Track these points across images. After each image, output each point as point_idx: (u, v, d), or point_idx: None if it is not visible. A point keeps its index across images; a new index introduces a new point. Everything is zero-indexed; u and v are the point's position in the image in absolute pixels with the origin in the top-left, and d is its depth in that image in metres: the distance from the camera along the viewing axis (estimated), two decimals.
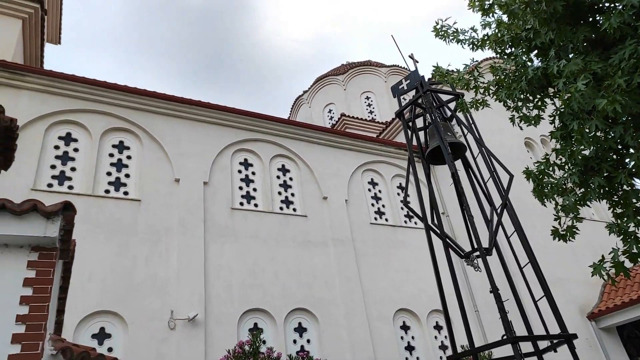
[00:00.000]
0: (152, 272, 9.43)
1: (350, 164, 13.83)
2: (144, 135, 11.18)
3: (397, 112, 7.63)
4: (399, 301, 11.95)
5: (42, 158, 9.76)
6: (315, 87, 23.74)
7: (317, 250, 11.71)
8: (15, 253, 3.23)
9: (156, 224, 10.10)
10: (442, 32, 4.47)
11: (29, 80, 10.21)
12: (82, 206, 9.41)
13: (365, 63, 23.36)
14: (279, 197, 12.26)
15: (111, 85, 10.98)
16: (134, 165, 10.76)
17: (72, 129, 10.50)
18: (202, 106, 12.05)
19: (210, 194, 11.16)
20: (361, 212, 13.12)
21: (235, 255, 10.57)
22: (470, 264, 6.26)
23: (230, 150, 12.17)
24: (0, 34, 10.87)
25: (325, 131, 13.95)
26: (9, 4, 11.06)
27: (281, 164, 12.90)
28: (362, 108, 21.99)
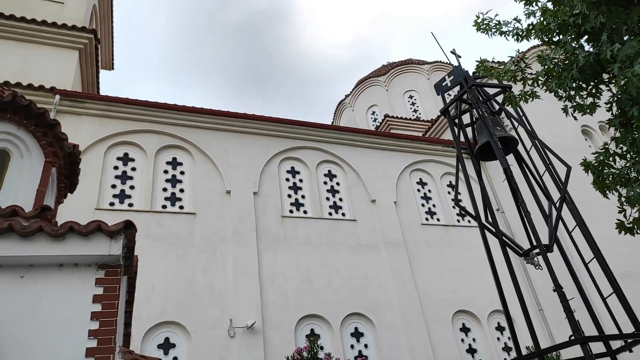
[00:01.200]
0: (210, 282, 9.75)
1: (397, 165, 13.67)
2: (195, 150, 11.60)
3: (442, 109, 7.47)
4: (457, 302, 11.64)
5: (104, 179, 10.35)
6: (357, 90, 23.70)
7: (368, 253, 11.65)
8: (84, 272, 3.45)
9: (211, 235, 10.43)
10: (484, 26, 4.34)
11: (87, 106, 10.88)
12: (141, 222, 9.89)
13: (407, 62, 23.06)
14: (328, 203, 12.32)
15: (162, 105, 11.50)
16: (187, 180, 11.19)
17: (128, 149, 11.07)
18: (247, 118, 12.35)
19: (260, 204, 11.40)
20: (411, 213, 12.92)
21: (288, 262, 10.72)
22: (530, 262, 5.99)
23: (277, 160, 12.38)
24: (60, 65, 11.67)
25: (370, 134, 13.88)
26: (67, 37, 11.86)
27: (327, 169, 12.96)
28: (406, 108, 21.70)
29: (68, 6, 12.76)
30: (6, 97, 4.73)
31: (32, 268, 3.36)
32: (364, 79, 23.65)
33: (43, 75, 11.21)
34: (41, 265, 3.37)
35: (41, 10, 12.26)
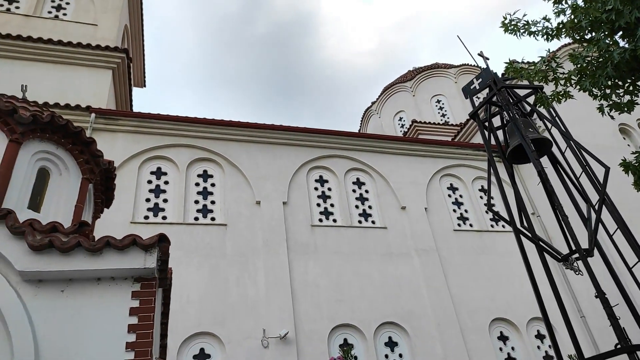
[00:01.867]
0: (243, 292, 9.83)
1: (427, 170, 13.49)
2: (224, 162, 11.79)
3: (471, 113, 7.34)
4: (494, 310, 11.32)
5: (138, 193, 10.64)
6: (383, 97, 23.60)
7: (400, 261, 11.50)
8: (120, 285, 3.54)
9: (242, 246, 10.54)
10: (512, 27, 4.25)
11: (121, 123, 11.24)
12: (174, 234, 10.09)
13: (433, 66, 22.83)
14: (357, 211, 12.25)
15: (192, 120, 11.76)
16: (218, 192, 11.36)
17: (161, 163, 11.35)
18: (275, 129, 12.47)
19: (290, 213, 11.45)
20: (443, 219, 12.70)
21: (319, 272, 10.70)
22: (570, 268, 5.77)
23: (305, 169, 12.43)
24: (95, 84, 12.13)
25: (397, 140, 13.77)
26: (100, 57, 12.33)
27: (356, 177, 12.92)
28: (434, 112, 21.44)
29: (101, 27, 13.27)
30: (45, 118, 4.95)
31: (71, 282, 3.47)
32: (390, 85, 23.54)
33: (79, 95, 11.66)
34: (80, 280, 3.48)
35: (76, 33, 12.80)
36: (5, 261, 3.39)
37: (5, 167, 4.49)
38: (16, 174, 4.58)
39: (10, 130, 4.73)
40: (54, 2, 13.52)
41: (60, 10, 13.47)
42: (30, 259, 3.40)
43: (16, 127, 4.75)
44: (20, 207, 4.50)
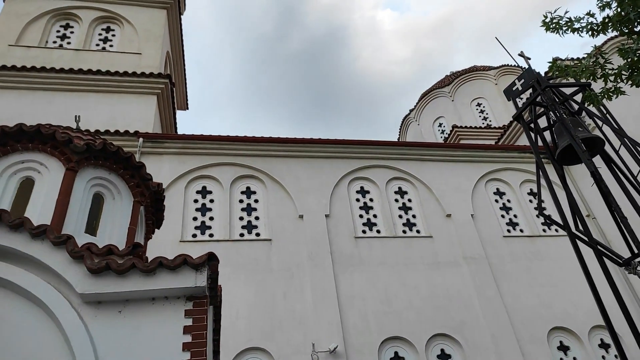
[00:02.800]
0: (290, 307, 9.87)
1: (471, 176, 13.15)
2: (266, 178, 11.97)
3: (514, 115, 7.12)
4: (552, 319, 10.79)
5: (185, 212, 10.97)
6: (421, 104, 23.31)
7: (448, 270, 11.21)
8: (173, 304, 3.65)
9: (288, 260, 10.61)
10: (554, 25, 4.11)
11: (167, 145, 11.68)
12: (222, 251, 10.29)
13: (471, 69, 22.36)
14: (401, 221, 12.08)
15: (233, 138, 12.06)
16: (261, 208, 11.53)
17: (206, 182, 11.67)
18: (313, 143, 12.57)
19: (333, 226, 11.44)
20: (491, 226, 12.30)
21: (365, 284, 10.59)
22: (633, 272, 5.43)
23: (346, 181, 12.41)
24: (142, 109, 12.69)
25: (438, 146, 13.54)
26: (146, 84, 12.92)
27: (397, 186, 12.76)
28: (475, 116, 20.93)
29: (145, 56, 13.92)
30: (98, 146, 5.22)
31: (128, 303, 3.61)
32: (427, 91, 23.23)
33: (127, 121, 12.23)
34: (136, 300, 3.62)
35: (122, 63, 13.49)
36: (67, 284, 3.58)
37: (64, 195, 4.76)
38: (73, 201, 4.84)
39: (67, 159, 5.02)
40: (101, 36, 14.34)
41: (107, 42, 14.25)
42: (89, 281, 3.57)
43: (72, 156, 5.04)
44: (78, 232, 4.75)
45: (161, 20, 15.05)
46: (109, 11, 14.65)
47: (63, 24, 14.27)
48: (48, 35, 13.83)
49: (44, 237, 3.71)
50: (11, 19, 13.65)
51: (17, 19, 13.69)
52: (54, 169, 4.96)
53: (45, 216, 4.61)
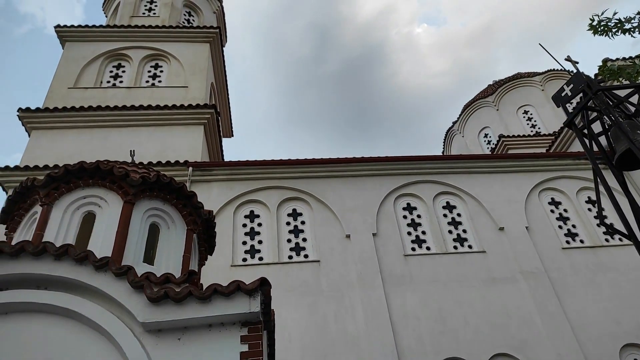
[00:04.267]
0: (342, 328, 9.77)
1: (522, 187, 12.65)
2: (312, 199, 12.05)
3: (566, 122, 6.84)
4: (623, 335, 10.05)
5: (235, 237, 11.20)
6: (464, 115, 22.86)
7: (505, 286, 10.75)
8: (229, 330, 3.72)
9: (337, 281, 10.56)
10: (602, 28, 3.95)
11: (215, 173, 12.05)
12: (272, 274, 10.39)
13: (515, 76, 21.75)
14: (451, 236, 11.77)
15: (277, 162, 12.28)
16: (308, 229, 11.59)
17: (253, 207, 11.90)
18: (357, 162, 12.57)
19: (381, 244, 11.30)
20: (548, 238, 11.73)
21: (418, 303, 10.33)
22: None
23: (392, 198, 12.28)
24: (190, 140, 13.21)
25: (486, 158, 13.17)
26: (193, 115, 13.47)
27: (445, 201, 12.48)
28: (522, 124, 20.25)
29: (191, 88, 14.56)
30: (152, 178, 5.47)
31: (186, 330, 3.72)
32: (470, 102, 22.77)
33: (177, 151, 12.75)
34: (194, 327, 3.72)
35: (170, 96, 14.16)
36: (129, 314, 3.73)
37: (123, 227, 5.01)
38: (132, 232, 5.08)
39: (124, 192, 5.29)
40: (150, 72, 15.16)
41: (156, 78, 15.04)
42: (149, 310, 3.71)
43: (129, 189, 5.31)
44: (137, 261, 4.96)
45: (205, 53, 15.73)
46: (157, 49, 15.49)
47: (115, 64, 15.22)
48: (102, 76, 14.77)
49: (107, 268, 3.90)
50: (70, 64, 14.71)
51: (75, 63, 14.73)
52: (113, 202, 5.25)
53: (107, 248, 4.85)
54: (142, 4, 18.37)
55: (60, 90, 13.94)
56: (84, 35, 15.40)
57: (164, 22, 17.16)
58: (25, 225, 5.36)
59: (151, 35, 15.68)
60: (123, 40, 15.50)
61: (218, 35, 16.36)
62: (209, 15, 19.82)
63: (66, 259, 3.92)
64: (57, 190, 5.22)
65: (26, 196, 5.38)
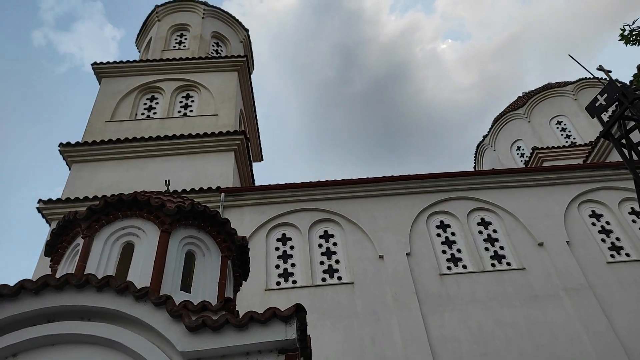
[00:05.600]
0: (380, 352, 9.57)
1: (560, 200, 12.25)
2: (343, 220, 12.01)
3: (602, 132, 6.67)
4: None
5: (268, 261, 11.25)
6: (495, 129, 22.48)
7: (548, 304, 10.33)
8: (267, 357, 3.72)
9: (372, 303, 10.40)
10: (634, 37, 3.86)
11: (247, 198, 12.22)
12: (306, 297, 10.36)
13: (545, 87, 21.31)
14: (488, 254, 11.45)
15: (307, 184, 12.36)
16: (341, 251, 11.53)
17: (285, 230, 11.96)
18: (386, 181, 12.50)
19: (415, 264, 11.11)
20: (591, 252, 11.25)
21: (457, 324, 10.04)
22: None
23: (424, 216, 12.10)
24: (221, 166, 13.48)
25: (520, 171, 12.86)
26: (223, 142, 13.79)
27: (480, 217, 12.20)
28: (556, 135, 19.72)
29: (221, 116, 14.95)
30: (187, 207, 5.61)
31: (224, 358, 3.74)
32: (500, 115, 22.41)
33: (209, 178, 13.03)
34: (232, 355, 3.73)
35: (201, 125, 14.56)
36: (169, 343, 3.79)
37: (160, 256, 5.13)
38: (169, 260, 5.19)
39: (161, 222, 5.44)
40: (182, 103, 15.67)
41: (187, 108, 15.53)
42: (188, 339, 3.76)
43: (165, 219, 5.45)
44: (174, 290, 5.06)
45: (233, 81, 16.17)
46: (188, 80, 16.04)
47: (149, 97, 15.81)
48: (137, 108, 15.37)
49: (146, 298, 3.99)
50: (106, 98, 15.39)
51: (111, 97, 15.40)
52: (151, 232, 5.39)
53: (146, 277, 4.97)
54: (173, 37, 19.16)
55: (98, 124, 14.55)
56: (119, 71, 16.13)
57: (194, 53, 17.80)
58: (69, 257, 5.56)
59: (182, 67, 16.26)
60: (156, 73, 16.14)
61: (245, 64, 16.81)
62: (236, 45, 20.43)
63: (108, 290, 4.04)
64: (98, 222, 5.41)
65: (69, 229, 5.60)
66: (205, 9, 20.20)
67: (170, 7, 20.16)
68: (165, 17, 19.87)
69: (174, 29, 19.46)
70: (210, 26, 19.85)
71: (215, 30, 20.00)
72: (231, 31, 20.71)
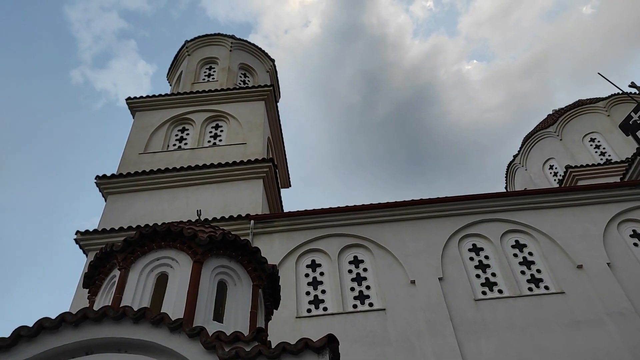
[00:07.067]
0: None
1: (598, 220, 11.81)
2: (372, 245, 11.91)
3: (639, 149, 6.45)
4: None
5: (298, 288, 11.21)
6: (525, 148, 22.04)
7: (590, 330, 9.86)
8: None
9: (405, 330, 10.18)
10: None
11: (276, 224, 12.31)
12: (337, 324, 10.23)
13: (576, 104, 20.86)
14: (524, 277, 11.09)
15: (336, 210, 12.36)
16: (371, 276, 11.39)
17: (314, 256, 11.93)
18: (415, 204, 12.37)
19: (448, 289, 10.85)
20: (635, 274, 10.74)
21: (495, 351, 9.68)
22: None
23: (455, 240, 11.87)
24: (250, 194, 13.67)
25: (555, 191, 12.53)
26: (252, 170, 14.01)
27: (514, 239, 11.87)
28: (590, 152, 19.16)
29: (249, 145, 15.25)
30: (218, 237, 5.72)
31: None
32: (530, 134, 22.00)
33: (239, 205, 13.22)
34: None
35: (231, 154, 14.87)
36: None
37: (193, 286, 5.22)
38: (202, 291, 5.28)
39: (193, 252, 5.55)
40: (211, 133, 16.10)
41: (217, 138, 15.93)
42: None
43: (197, 249, 5.57)
44: (207, 320, 5.12)
45: (260, 110, 16.53)
46: (217, 110, 16.51)
47: (180, 128, 16.32)
48: (169, 140, 15.87)
49: (181, 330, 4.06)
50: (140, 131, 15.97)
51: (144, 130, 15.98)
52: (184, 262, 5.51)
53: (179, 307, 5.06)
54: (202, 70, 19.84)
55: (132, 156, 15.08)
56: (152, 104, 16.75)
57: (222, 85, 18.35)
58: (106, 289, 5.72)
59: (211, 99, 16.76)
60: (186, 105, 16.68)
61: (271, 93, 17.19)
62: (263, 75, 20.96)
63: (143, 322, 4.13)
64: (133, 254, 5.57)
65: (105, 261, 5.79)
66: (233, 42, 20.90)
67: (199, 41, 20.96)
68: (194, 52, 20.65)
69: (203, 62, 20.17)
70: (237, 58, 20.48)
71: (242, 61, 20.60)
72: (257, 62, 21.29)
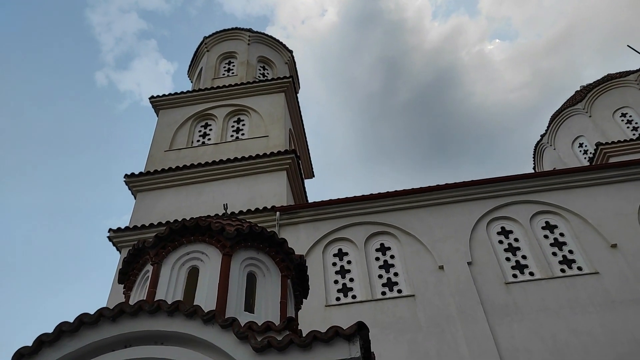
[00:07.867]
0: None
1: (632, 197, 11.46)
2: (398, 232, 11.87)
3: None
4: None
5: (326, 276, 11.30)
6: (553, 126, 21.44)
7: (628, 310, 9.63)
8: None
9: (435, 315, 10.15)
10: None
11: (301, 215, 12.39)
12: (367, 312, 10.28)
13: (605, 79, 20.11)
14: (556, 258, 10.88)
15: (360, 198, 12.35)
16: (399, 263, 11.38)
17: (341, 244, 11.98)
18: (441, 189, 12.25)
19: (477, 273, 10.75)
20: None
21: (528, 334, 9.57)
22: None
23: (483, 223, 11.71)
24: (274, 186, 13.78)
25: (585, 170, 12.20)
26: (275, 162, 14.11)
27: (544, 221, 11.64)
28: (621, 128, 18.49)
29: (271, 137, 15.35)
30: (246, 230, 5.80)
31: None
32: (558, 112, 21.35)
33: (263, 198, 13.36)
34: None
35: (253, 147, 15.00)
36: None
37: (224, 278, 5.34)
38: (232, 282, 5.38)
39: (222, 246, 5.66)
40: (234, 127, 16.25)
41: (239, 132, 16.08)
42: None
43: (226, 242, 5.67)
44: (238, 311, 5.23)
45: (281, 102, 16.58)
46: (238, 105, 16.65)
47: (203, 124, 16.54)
48: (193, 136, 16.11)
49: (214, 321, 4.17)
50: (164, 129, 16.26)
51: (169, 127, 16.26)
52: (213, 256, 5.63)
53: (211, 299, 5.18)
54: (221, 65, 19.98)
55: (158, 154, 15.38)
56: (175, 102, 17.01)
57: (242, 79, 18.45)
58: (139, 283, 5.90)
59: (232, 93, 16.90)
60: (208, 101, 16.87)
61: (291, 84, 17.20)
62: (282, 66, 20.97)
63: (178, 314, 4.25)
64: (165, 249, 5.72)
65: (138, 257, 5.96)
66: (250, 36, 20.95)
67: (217, 37, 21.09)
68: (213, 47, 20.80)
69: (222, 57, 20.31)
70: (255, 51, 20.53)
71: (261, 54, 20.65)
72: (276, 54, 21.29)
